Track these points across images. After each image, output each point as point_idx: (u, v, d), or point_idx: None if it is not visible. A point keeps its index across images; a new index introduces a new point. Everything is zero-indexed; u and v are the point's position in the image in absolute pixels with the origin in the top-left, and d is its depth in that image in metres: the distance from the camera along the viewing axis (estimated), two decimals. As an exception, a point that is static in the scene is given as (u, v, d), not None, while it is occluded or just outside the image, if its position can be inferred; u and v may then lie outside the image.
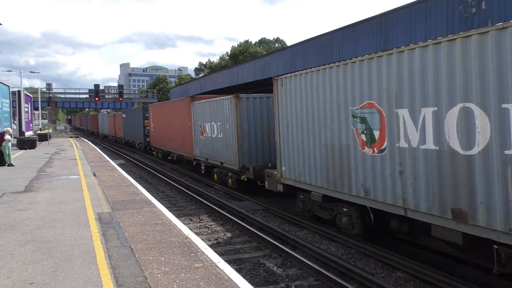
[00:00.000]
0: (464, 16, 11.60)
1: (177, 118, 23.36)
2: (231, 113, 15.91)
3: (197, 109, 19.90)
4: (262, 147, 15.64)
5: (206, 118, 18.53)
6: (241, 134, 15.43)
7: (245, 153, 15.41)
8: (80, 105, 73.89)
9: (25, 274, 5.93)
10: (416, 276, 7.86)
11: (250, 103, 15.65)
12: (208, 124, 18.21)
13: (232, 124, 15.82)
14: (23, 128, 34.54)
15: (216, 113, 17.29)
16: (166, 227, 8.42)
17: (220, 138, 17.08)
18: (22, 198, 11.69)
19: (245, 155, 15.43)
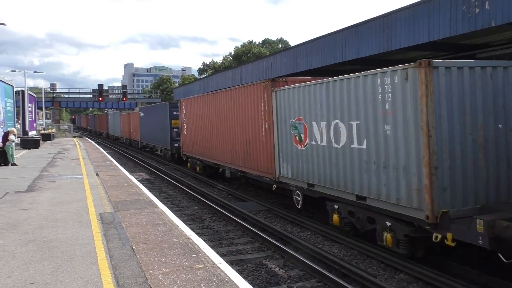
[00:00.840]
0: (467, 16, 11.53)
1: (236, 115, 15.74)
2: (404, 100, 7.79)
3: (287, 99, 12.04)
4: (478, 171, 7.62)
5: (312, 114, 10.84)
6: (435, 144, 7.30)
7: (445, 185, 7.37)
8: (84, 105, 74.13)
9: (26, 273, 5.93)
10: (418, 278, 7.81)
11: (455, 79, 7.51)
12: (319, 124, 10.57)
13: (410, 123, 7.68)
14: (27, 128, 34.65)
15: (348, 105, 9.42)
16: (167, 227, 8.41)
17: (359, 150, 9.17)
18: (25, 197, 11.71)
19: (445, 190, 7.36)
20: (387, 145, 8.22)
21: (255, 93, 14.01)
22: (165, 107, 27.49)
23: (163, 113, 27.47)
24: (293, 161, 11.83)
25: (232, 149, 16.27)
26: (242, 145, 15.22)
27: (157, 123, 29.02)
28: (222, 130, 17.21)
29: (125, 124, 44.29)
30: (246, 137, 14.90)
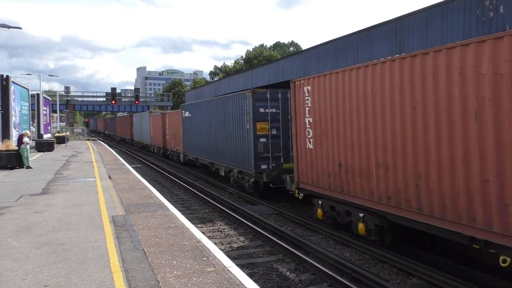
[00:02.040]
0: (481, 20, 11.43)
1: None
2: None
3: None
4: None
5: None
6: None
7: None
8: (97, 108, 74.87)
9: (40, 276, 6.01)
10: (432, 283, 7.74)
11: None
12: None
13: None
14: (41, 131, 35.13)
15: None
16: (179, 230, 8.46)
17: None
18: (39, 200, 11.87)
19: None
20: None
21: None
22: (240, 100, 16.39)
23: (235, 111, 17.02)
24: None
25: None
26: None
27: (220, 127, 18.88)
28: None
29: (157, 128, 34.60)
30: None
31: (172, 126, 30.06)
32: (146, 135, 39.92)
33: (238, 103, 16.77)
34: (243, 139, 16.20)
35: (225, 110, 18.34)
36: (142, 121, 42.46)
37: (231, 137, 17.64)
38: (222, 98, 19.25)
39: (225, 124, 18.35)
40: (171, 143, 30.64)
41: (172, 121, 30.14)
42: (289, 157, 14.99)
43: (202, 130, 21.85)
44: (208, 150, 20.89)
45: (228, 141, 17.96)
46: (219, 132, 19.15)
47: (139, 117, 44.86)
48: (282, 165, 15.25)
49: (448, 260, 8.64)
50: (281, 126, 15.39)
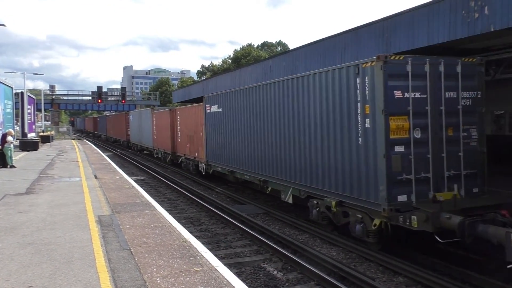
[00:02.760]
0: (466, 21, 11.56)
1: None
2: None
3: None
4: None
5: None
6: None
7: None
8: (83, 107, 74.04)
9: (24, 277, 5.92)
10: (417, 281, 7.82)
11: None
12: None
13: None
14: (26, 130, 34.62)
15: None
16: (166, 230, 8.40)
17: None
18: (23, 200, 11.69)
19: None
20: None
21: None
22: (346, 76, 9.86)
23: (330, 98, 10.51)
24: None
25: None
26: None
27: (287, 125, 12.52)
28: None
29: (163, 128, 27.60)
30: None
31: (187, 125, 22.70)
32: (147, 137, 32.65)
33: (337, 84, 10.05)
34: (350, 147, 9.62)
35: (301, 98, 11.57)
36: (141, 119, 34.94)
37: (316, 142, 10.92)
38: (295, 78, 12.05)
39: (300, 121, 11.64)
40: (184, 148, 23.06)
41: (187, 118, 22.74)
42: (443, 179, 8.96)
43: (246, 130, 15.14)
44: (257, 161, 14.33)
45: (309, 149, 11.26)
46: (285, 134, 12.41)
47: (138, 115, 37.18)
48: (436, 197, 8.51)
49: (435, 259, 8.74)
50: (429, 124, 8.93)
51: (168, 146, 26.34)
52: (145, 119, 33.60)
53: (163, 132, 27.78)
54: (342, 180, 9.85)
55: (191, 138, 21.99)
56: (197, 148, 20.91)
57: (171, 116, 25.96)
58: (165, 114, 27.26)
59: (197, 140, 20.87)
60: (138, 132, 36.83)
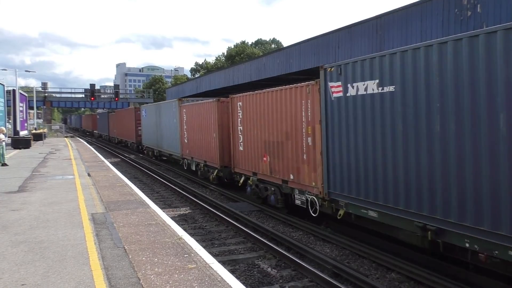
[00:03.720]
0: (459, 19, 11.63)
1: None
2: None
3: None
4: None
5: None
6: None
7: None
8: (75, 104, 73.67)
9: (17, 275, 5.89)
10: (410, 277, 7.87)
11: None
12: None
13: None
14: (18, 128, 34.35)
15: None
16: (160, 227, 8.39)
17: None
18: (16, 198, 11.62)
19: None
20: None
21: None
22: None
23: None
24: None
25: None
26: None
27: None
28: None
29: (202, 128, 18.87)
30: None
31: (265, 122, 13.18)
32: (171, 140, 23.78)
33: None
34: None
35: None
36: (160, 115, 25.92)
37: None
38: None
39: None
40: (255, 162, 14.01)
41: (268, 109, 12.97)
42: None
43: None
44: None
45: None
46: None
47: (154, 109, 27.67)
48: None
49: (428, 256, 8.80)
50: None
51: (214, 156, 17.54)
52: (166, 114, 24.45)
53: (203, 133, 18.66)
54: None
55: (276, 146, 12.55)
56: (298, 166, 11.45)
57: (223, 109, 16.88)
58: (210, 107, 17.84)
59: (295, 150, 11.52)
60: (154, 133, 27.70)
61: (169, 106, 24.46)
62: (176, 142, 22.64)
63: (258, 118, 13.53)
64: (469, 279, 7.63)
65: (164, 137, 25.44)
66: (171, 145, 23.73)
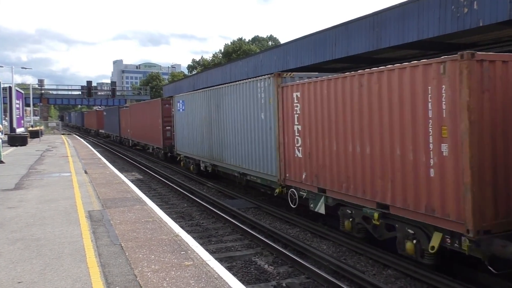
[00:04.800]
0: (456, 16, 11.64)
1: None
2: None
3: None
4: None
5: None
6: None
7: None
8: (72, 101, 73.42)
9: (13, 272, 5.88)
10: (406, 273, 7.90)
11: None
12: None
13: None
14: (14, 125, 34.24)
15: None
16: (157, 225, 8.39)
17: None
18: (12, 195, 11.59)
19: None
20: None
21: None
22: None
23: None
24: None
25: None
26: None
27: None
28: None
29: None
30: None
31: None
32: (252, 152, 13.74)
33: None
34: None
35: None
36: (221, 108, 16.26)
37: None
38: None
39: None
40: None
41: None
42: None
43: None
44: None
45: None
46: None
47: (206, 100, 17.76)
48: None
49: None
50: None
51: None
52: (241, 104, 14.42)
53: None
54: None
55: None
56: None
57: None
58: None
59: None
60: (202, 135, 18.28)
61: (250, 88, 13.59)
62: (267, 156, 12.71)
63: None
64: (466, 275, 7.67)
65: (228, 143, 15.63)
66: (252, 160, 13.68)
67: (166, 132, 25.11)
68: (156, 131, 26.29)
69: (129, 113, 35.57)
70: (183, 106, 21.03)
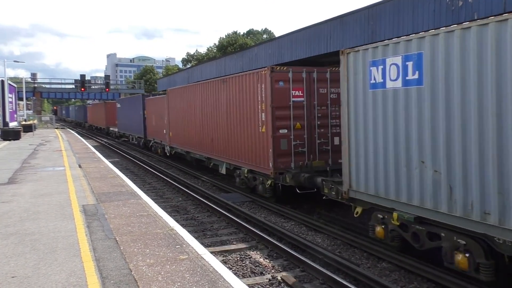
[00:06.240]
0: (451, 9, 11.64)
1: None
2: None
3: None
4: None
5: None
6: None
7: None
8: (66, 95, 72.92)
9: (7, 267, 5.84)
10: (400, 266, 7.95)
11: None
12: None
13: None
14: (7, 119, 33.95)
15: None
16: (151, 219, 8.37)
17: None
18: (5, 190, 11.51)
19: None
20: None
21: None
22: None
23: None
24: None
25: None
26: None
27: None
28: None
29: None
30: None
31: None
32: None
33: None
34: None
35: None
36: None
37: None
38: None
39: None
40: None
41: None
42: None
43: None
44: None
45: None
46: None
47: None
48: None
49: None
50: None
51: None
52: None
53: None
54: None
55: None
56: None
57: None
58: None
59: None
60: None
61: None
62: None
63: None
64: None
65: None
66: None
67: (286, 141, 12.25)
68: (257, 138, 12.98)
69: (166, 103, 22.72)
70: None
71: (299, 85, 12.42)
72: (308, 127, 12.50)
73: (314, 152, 12.60)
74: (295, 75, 12.37)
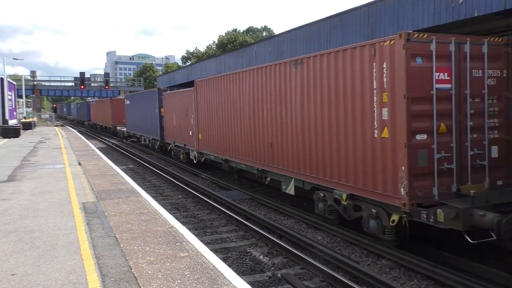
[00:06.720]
0: (451, 6, 11.60)
1: None
2: None
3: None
4: None
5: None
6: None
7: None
8: (65, 93, 72.74)
9: (6, 265, 5.84)
10: (400, 264, 7.95)
11: None
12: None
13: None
14: (7, 116, 33.93)
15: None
16: (151, 216, 8.36)
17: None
18: (5, 187, 11.50)
19: None
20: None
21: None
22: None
23: None
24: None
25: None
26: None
27: None
28: None
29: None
30: None
31: None
32: None
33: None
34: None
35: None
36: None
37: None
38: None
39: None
40: None
41: None
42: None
43: None
44: None
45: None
46: None
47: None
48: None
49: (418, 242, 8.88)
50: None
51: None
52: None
53: None
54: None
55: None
56: None
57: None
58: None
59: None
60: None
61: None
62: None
63: None
64: (460, 266, 7.72)
65: None
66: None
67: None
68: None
69: (194, 98, 18.97)
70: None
71: (445, 64, 8.06)
72: (457, 131, 8.08)
73: (465, 169, 8.16)
74: (440, 47, 7.96)
